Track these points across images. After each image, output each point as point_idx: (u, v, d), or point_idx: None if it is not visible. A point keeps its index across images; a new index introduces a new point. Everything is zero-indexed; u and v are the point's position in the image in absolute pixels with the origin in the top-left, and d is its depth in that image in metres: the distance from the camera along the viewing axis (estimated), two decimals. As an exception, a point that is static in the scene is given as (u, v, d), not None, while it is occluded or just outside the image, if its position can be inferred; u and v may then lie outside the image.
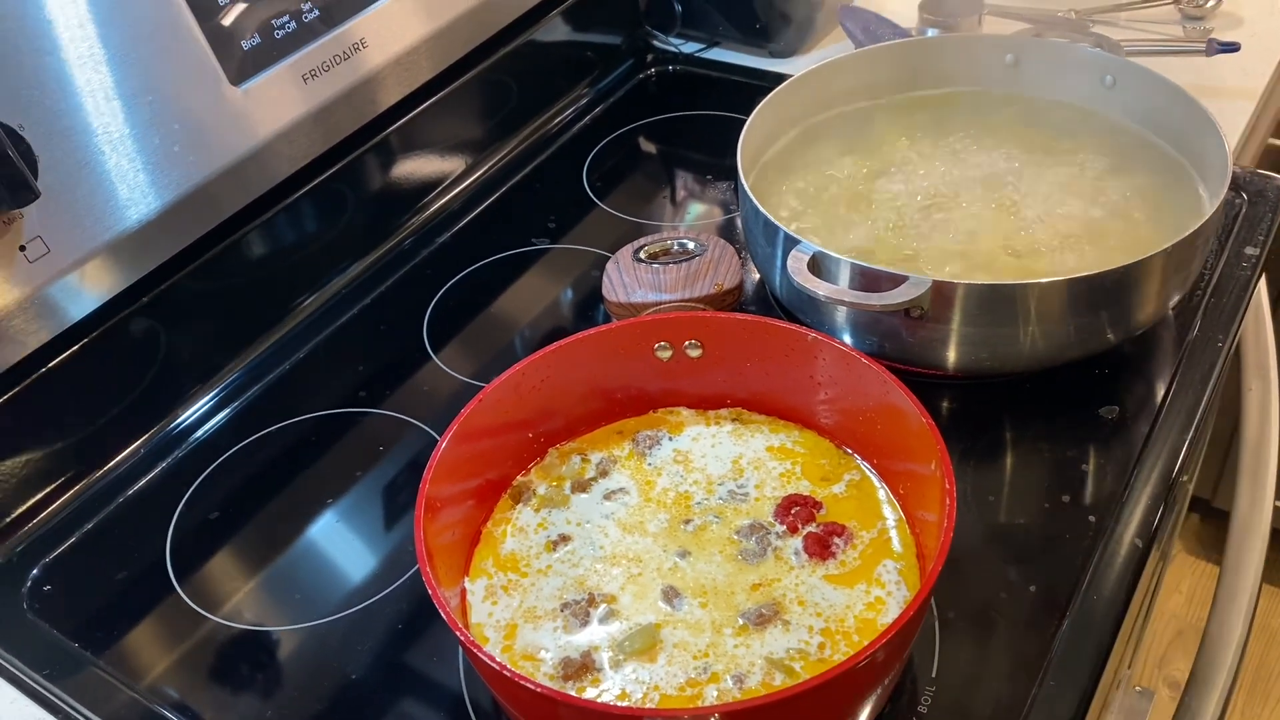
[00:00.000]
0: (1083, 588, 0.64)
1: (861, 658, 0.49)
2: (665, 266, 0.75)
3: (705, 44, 1.20)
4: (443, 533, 0.61)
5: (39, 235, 0.69)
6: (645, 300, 0.73)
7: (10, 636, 0.68)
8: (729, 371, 0.70)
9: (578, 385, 0.69)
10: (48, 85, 0.69)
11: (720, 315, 0.69)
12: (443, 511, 0.61)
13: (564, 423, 0.70)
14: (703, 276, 0.73)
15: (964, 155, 0.89)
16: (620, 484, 0.67)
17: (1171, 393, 0.75)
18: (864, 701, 0.56)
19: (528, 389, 0.67)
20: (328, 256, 0.93)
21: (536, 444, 0.70)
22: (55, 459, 0.76)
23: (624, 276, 0.75)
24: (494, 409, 0.65)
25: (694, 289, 0.73)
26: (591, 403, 0.70)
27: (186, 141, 0.77)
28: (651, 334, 0.69)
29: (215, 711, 0.64)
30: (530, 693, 0.51)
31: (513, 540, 0.65)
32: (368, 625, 0.67)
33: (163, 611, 0.70)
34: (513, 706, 0.56)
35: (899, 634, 0.51)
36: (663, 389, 0.71)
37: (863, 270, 0.70)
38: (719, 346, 0.69)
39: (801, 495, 0.65)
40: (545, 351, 0.67)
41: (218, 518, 0.75)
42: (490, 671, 0.52)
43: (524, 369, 0.66)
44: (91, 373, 0.77)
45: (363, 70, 0.88)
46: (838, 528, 0.63)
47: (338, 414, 0.82)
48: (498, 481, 0.68)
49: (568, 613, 0.60)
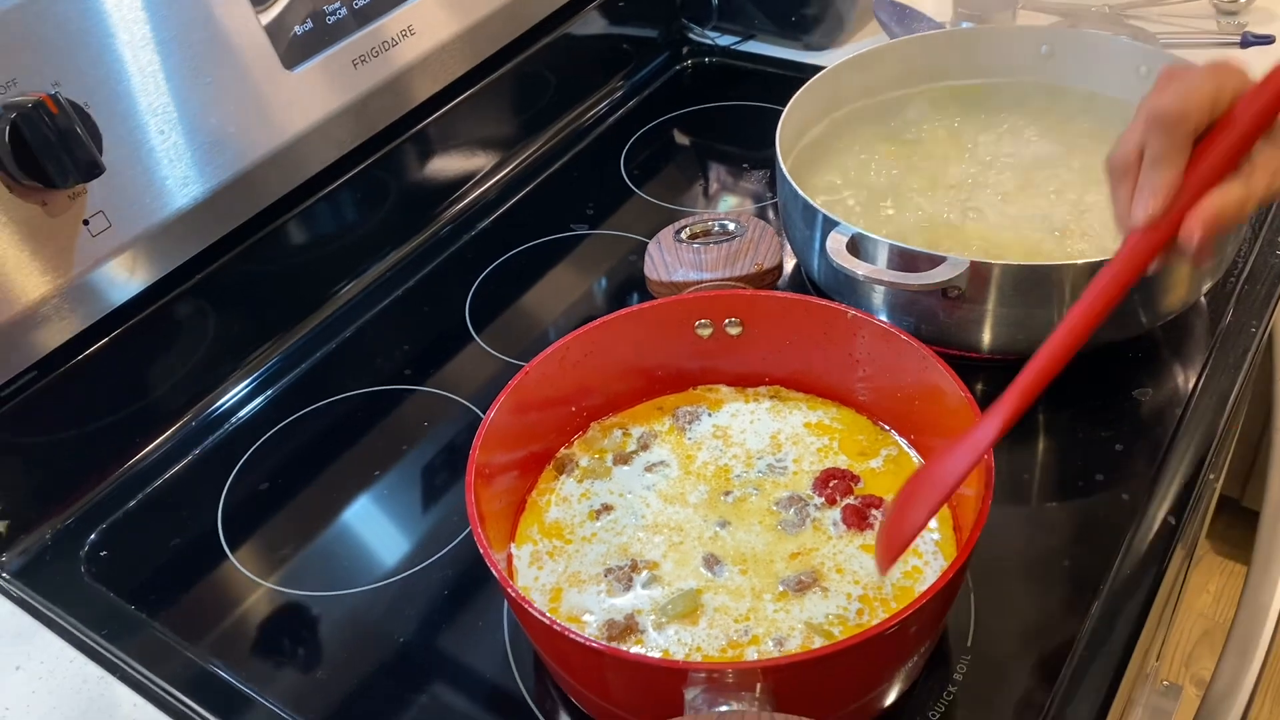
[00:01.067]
0: (1117, 562, 0.65)
1: (894, 622, 0.51)
2: (706, 246, 0.76)
3: (741, 37, 1.21)
4: (491, 500, 0.62)
5: (101, 210, 0.72)
6: (686, 279, 0.75)
7: (69, 598, 0.71)
8: (768, 349, 0.71)
9: (619, 361, 0.70)
10: (112, 66, 0.71)
11: (760, 293, 0.70)
12: (492, 480, 0.62)
13: (605, 398, 0.72)
14: (743, 256, 0.75)
15: (999, 144, 0.90)
16: (661, 457, 0.69)
17: (1205, 376, 0.76)
18: (901, 666, 0.57)
19: (571, 363, 0.69)
20: (371, 241, 0.95)
21: (579, 418, 0.71)
22: (110, 431, 0.79)
23: (665, 256, 0.77)
24: (539, 382, 0.67)
25: (734, 268, 0.75)
26: (632, 379, 0.72)
27: (241, 123, 0.79)
28: (693, 311, 0.70)
29: (267, 671, 0.66)
30: (579, 647, 0.52)
31: (557, 509, 0.67)
32: (414, 591, 0.69)
33: (215, 577, 0.72)
34: (559, 663, 0.58)
35: (935, 599, 0.52)
36: (702, 366, 0.73)
37: (901, 251, 0.71)
38: (759, 324, 0.70)
39: (839, 469, 0.66)
40: (589, 327, 0.69)
41: (268, 488, 0.77)
42: (539, 627, 0.53)
43: (569, 343, 0.68)
44: (143, 348, 0.79)
45: (406, 59, 0.91)
46: (875, 500, 0.64)
47: (384, 390, 0.84)
48: (541, 454, 0.70)
49: (611, 578, 0.62)
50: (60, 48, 0.68)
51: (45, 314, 0.71)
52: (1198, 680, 1.69)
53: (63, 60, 0.69)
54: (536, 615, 0.52)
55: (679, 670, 0.51)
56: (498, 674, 0.64)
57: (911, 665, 0.58)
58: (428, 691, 0.64)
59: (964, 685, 0.60)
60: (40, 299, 0.70)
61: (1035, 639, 0.63)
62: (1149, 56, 0.89)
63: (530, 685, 0.63)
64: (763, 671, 0.50)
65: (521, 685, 0.63)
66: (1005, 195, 0.84)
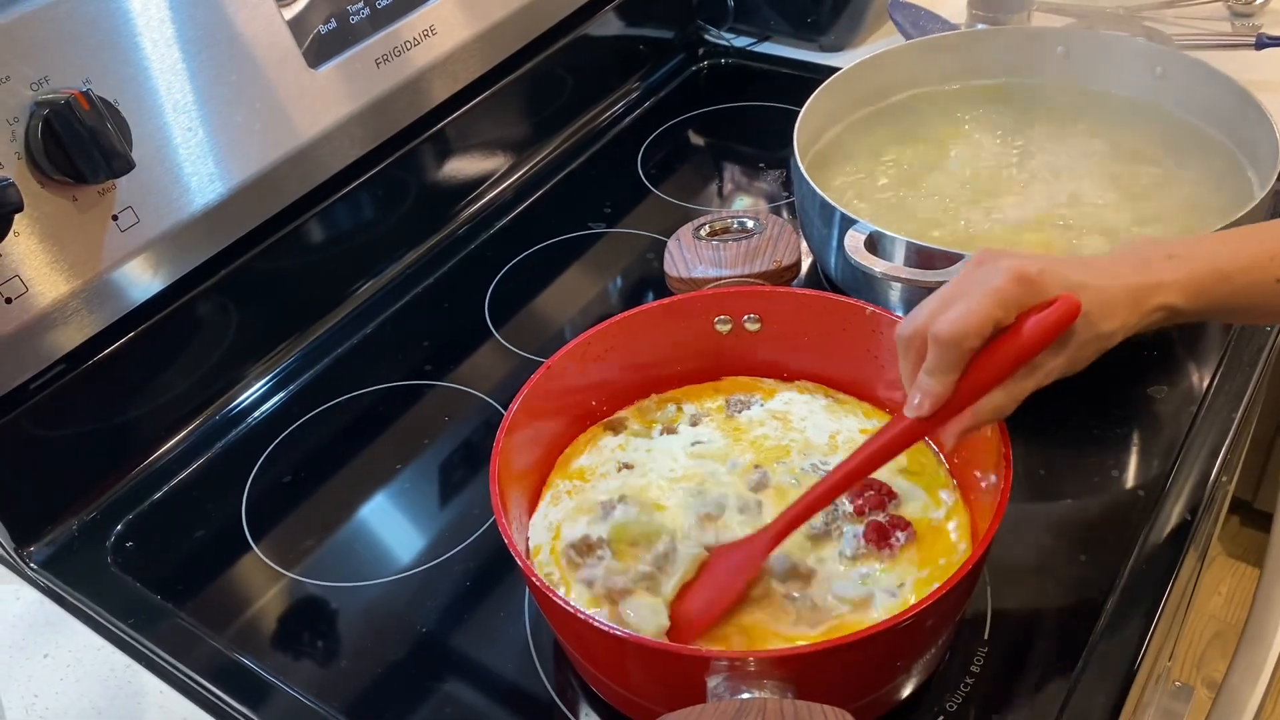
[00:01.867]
0: (1132, 558, 0.65)
1: (910, 614, 0.51)
2: (725, 243, 0.77)
3: (757, 38, 1.22)
4: (513, 487, 0.63)
5: (130, 206, 0.73)
6: (705, 275, 0.76)
7: (96, 588, 0.72)
8: (788, 345, 0.72)
9: (639, 356, 0.71)
10: (140, 64, 0.72)
11: (779, 289, 0.71)
12: (514, 470, 0.63)
13: (625, 392, 0.72)
14: (762, 253, 0.76)
15: (1015, 144, 0.90)
16: (707, 435, 0.69)
17: (1220, 374, 0.76)
18: (917, 658, 0.58)
19: (592, 358, 0.69)
20: (391, 239, 0.96)
21: (599, 412, 0.72)
22: (136, 424, 0.80)
23: (685, 253, 0.78)
24: (560, 377, 0.68)
25: (753, 265, 0.76)
26: (652, 374, 0.73)
27: (266, 121, 0.80)
28: (712, 307, 0.71)
29: (291, 661, 0.67)
30: (601, 634, 0.53)
31: (587, 457, 0.68)
32: (436, 582, 0.70)
33: (240, 568, 0.73)
34: (580, 651, 0.59)
35: (952, 593, 0.52)
36: (723, 362, 0.73)
37: (919, 249, 0.72)
38: (777, 320, 0.71)
39: (879, 481, 0.65)
40: (610, 322, 0.69)
41: (290, 481, 0.78)
42: (561, 614, 0.55)
43: (590, 339, 0.69)
44: (167, 344, 0.80)
45: (427, 59, 0.92)
46: (904, 523, 0.63)
47: (405, 386, 0.85)
48: (561, 444, 0.70)
49: (603, 507, 0.63)
50: (90, 46, 0.70)
51: (74, 308, 0.72)
52: (1209, 682, 1.69)
53: (93, 58, 0.70)
54: (560, 603, 0.53)
55: (701, 659, 0.52)
56: (519, 664, 0.65)
57: (928, 658, 0.59)
58: (450, 680, 0.65)
59: (980, 678, 0.61)
60: (70, 293, 0.71)
61: (1051, 632, 0.63)
62: (1165, 58, 0.90)
63: (551, 675, 0.64)
64: (783, 660, 0.51)
65: (543, 675, 0.64)
66: (1020, 194, 0.85)
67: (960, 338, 0.52)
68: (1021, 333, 0.53)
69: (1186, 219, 0.81)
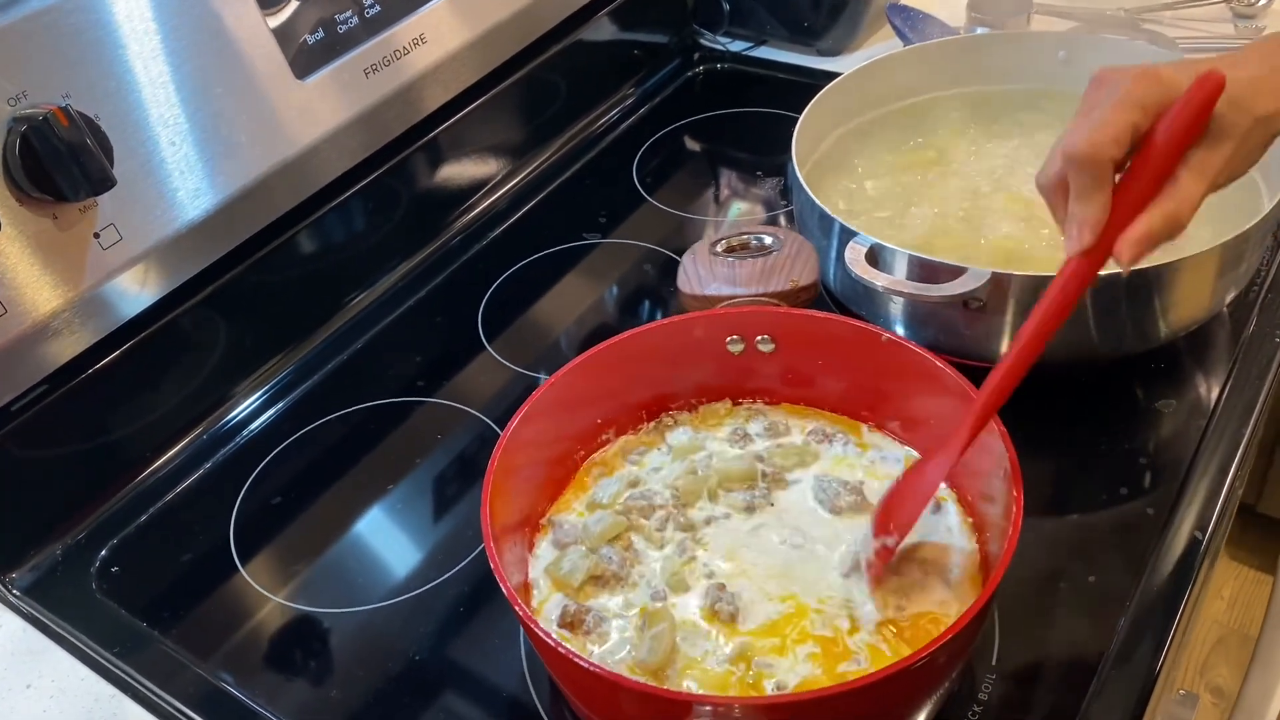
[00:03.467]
0: (1144, 578, 0.64)
1: (919, 658, 0.49)
2: (740, 261, 0.74)
3: (753, 42, 1.20)
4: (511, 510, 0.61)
5: (112, 223, 0.71)
6: (719, 293, 0.73)
7: (80, 615, 0.70)
8: (803, 369, 0.69)
9: (646, 373, 0.69)
10: (122, 77, 0.71)
11: (793, 311, 0.68)
12: (510, 493, 0.61)
13: (631, 409, 0.70)
14: (778, 272, 0.73)
15: (1017, 151, 0.89)
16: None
17: (1228, 387, 0.75)
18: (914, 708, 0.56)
19: (601, 370, 0.67)
20: (383, 251, 0.95)
21: (605, 429, 0.70)
22: (121, 445, 0.78)
23: (699, 269, 0.75)
24: (563, 392, 0.66)
25: (769, 284, 0.72)
26: (660, 390, 0.71)
27: (252, 134, 0.78)
28: (722, 327, 0.69)
29: (279, 688, 0.65)
30: (585, 673, 0.51)
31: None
32: (429, 606, 0.68)
33: (227, 592, 0.71)
34: (567, 686, 0.58)
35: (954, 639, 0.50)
36: (736, 382, 0.71)
37: (921, 262, 0.70)
38: (791, 343, 0.69)
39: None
40: (617, 339, 0.67)
41: (280, 502, 0.77)
42: (547, 650, 0.53)
43: (596, 354, 0.67)
44: (155, 361, 0.79)
45: (418, 67, 0.90)
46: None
47: (396, 403, 0.83)
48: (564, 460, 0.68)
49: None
50: (70, 59, 0.68)
51: (56, 327, 0.70)
52: (1213, 688, 1.68)
53: (73, 72, 0.68)
54: (542, 635, 0.52)
55: (683, 702, 0.50)
56: (514, 691, 0.63)
57: (932, 700, 0.57)
58: (442, 709, 0.63)
59: (989, 705, 0.59)
60: (51, 313, 0.69)
61: (1061, 656, 0.62)
62: (1167, 61, 0.88)
63: (546, 703, 0.62)
64: (770, 708, 0.49)
65: (538, 702, 0.62)
66: (1025, 204, 0.83)
67: (1096, 148, 0.48)
68: (1166, 126, 0.48)
69: (1192, 227, 0.79)
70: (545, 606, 0.61)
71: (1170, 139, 0.49)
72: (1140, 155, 0.49)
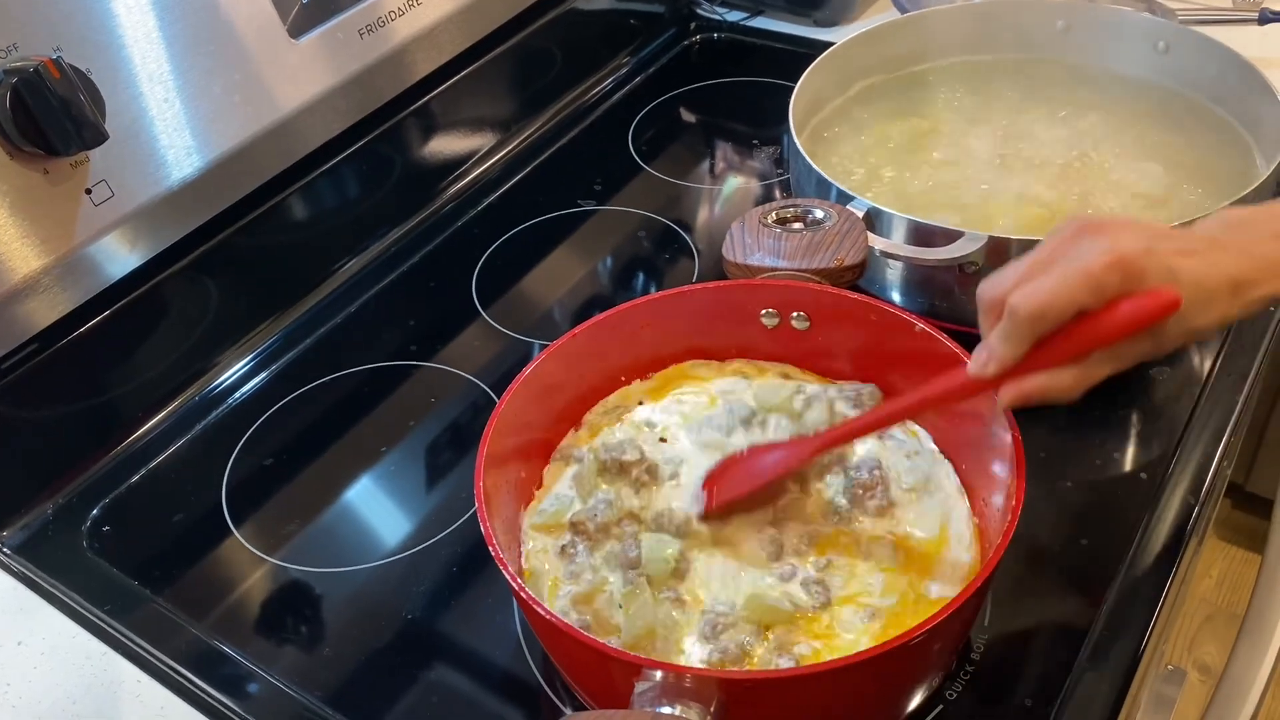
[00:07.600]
0: (1135, 542, 0.64)
1: (917, 633, 0.49)
2: (788, 233, 0.72)
3: (750, 12, 1.20)
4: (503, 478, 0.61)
5: (104, 179, 0.70)
6: (761, 264, 0.70)
7: (71, 574, 0.70)
8: (837, 350, 0.68)
9: (677, 336, 0.69)
10: (114, 30, 0.70)
11: (827, 289, 0.67)
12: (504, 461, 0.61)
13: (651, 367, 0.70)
14: (824, 248, 0.70)
15: (1014, 119, 0.89)
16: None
17: (1223, 355, 0.75)
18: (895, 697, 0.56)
19: (632, 329, 0.67)
20: (375, 216, 0.94)
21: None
22: (112, 405, 0.78)
23: (746, 238, 0.72)
24: (586, 347, 0.66)
25: (813, 260, 0.70)
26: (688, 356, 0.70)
27: (245, 93, 0.78)
28: (755, 298, 0.68)
29: (272, 648, 0.65)
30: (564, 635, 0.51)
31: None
32: (422, 567, 0.68)
33: (220, 553, 0.71)
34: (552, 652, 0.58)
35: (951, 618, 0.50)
36: (770, 355, 0.70)
37: (918, 226, 0.70)
38: (826, 322, 0.67)
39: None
40: (651, 298, 0.67)
41: (272, 464, 0.76)
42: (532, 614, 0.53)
43: (625, 311, 0.66)
44: (145, 322, 0.78)
45: (411, 30, 0.89)
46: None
47: (390, 367, 0.83)
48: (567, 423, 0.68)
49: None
50: (62, 12, 0.67)
51: (46, 285, 0.70)
52: (1200, 665, 1.69)
53: (64, 25, 0.67)
54: (528, 600, 0.52)
55: (631, 664, 0.50)
56: (507, 650, 0.63)
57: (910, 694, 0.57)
58: (435, 667, 0.63)
59: (981, 665, 0.59)
60: (41, 269, 0.69)
61: (1053, 621, 0.62)
62: (1167, 32, 0.88)
63: (539, 660, 0.62)
64: (720, 683, 0.48)
65: (531, 661, 0.62)
66: (1021, 170, 0.83)
67: (1038, 316, 0.49)
68: (1110, 318, 0.49)
69: (1189, 195, 0.79)
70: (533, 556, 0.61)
71: (1108, 334, 0.49)
72: (1075, 325, 0.50)
